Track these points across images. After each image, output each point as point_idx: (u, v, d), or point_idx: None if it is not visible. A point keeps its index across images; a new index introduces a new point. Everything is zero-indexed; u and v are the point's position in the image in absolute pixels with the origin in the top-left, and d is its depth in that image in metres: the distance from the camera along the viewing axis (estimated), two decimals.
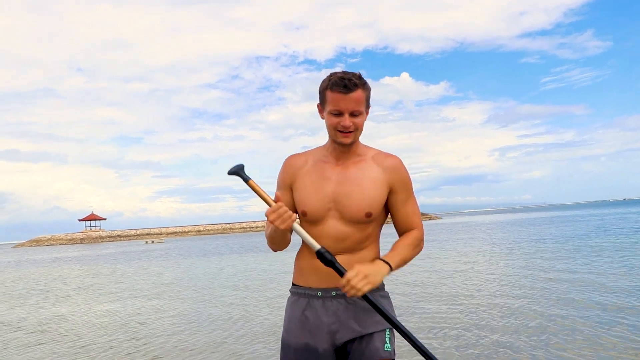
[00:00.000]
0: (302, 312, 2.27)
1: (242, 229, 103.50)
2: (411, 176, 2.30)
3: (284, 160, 2.36)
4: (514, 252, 18.56)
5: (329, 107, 2.15)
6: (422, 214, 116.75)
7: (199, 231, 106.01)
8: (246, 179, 2.23)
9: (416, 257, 2.30)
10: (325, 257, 2.11)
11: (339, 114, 2.14)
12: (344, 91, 2.10)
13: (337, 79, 2.11)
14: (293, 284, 2.37)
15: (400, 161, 2.26)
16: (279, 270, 16.96)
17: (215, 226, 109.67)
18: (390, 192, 2.23)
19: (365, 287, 2.03)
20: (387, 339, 2.20)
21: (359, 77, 2.14)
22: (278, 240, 2.26)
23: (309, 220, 2.25)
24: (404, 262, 2.20)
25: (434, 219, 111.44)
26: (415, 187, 2.33)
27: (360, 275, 2.03)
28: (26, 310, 12.01)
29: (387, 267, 2.11)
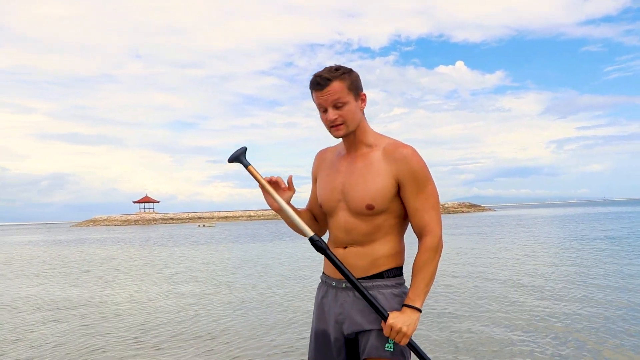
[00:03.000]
0: (321, 299, 2.33)
1: None
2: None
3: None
4: (555, 251, 17.72)
5: (316, 107, 2.21)
6: (474, 206, 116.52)
7: (249, 216, 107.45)
8: (246, 165, 2.28)
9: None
10: (316, 244, 2.18)
11: (324, 110, 2.17)
12: (318, 88, 2.14)
13: (312, 79, 2.17)
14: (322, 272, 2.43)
15: (412, 152, 2.15)
16: (316, 258, 16.73)
17: (266, 212, 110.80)
18: (400, 185, 2.14)
19: (404, 342, 2.07)
20: (390, 339, 2.12)
21: (334, 69, 2.16)
22: (287, 222, 2.33)
23: (325, 212, 2.32)
24: (429, 284, 2.14)
25: (486, 210, 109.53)
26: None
27: (394, 332, 2.06)
28: (62, 288, 12.19)
29: (417, 313, 2.10)
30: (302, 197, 2.33)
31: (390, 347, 2.12)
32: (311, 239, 2.20)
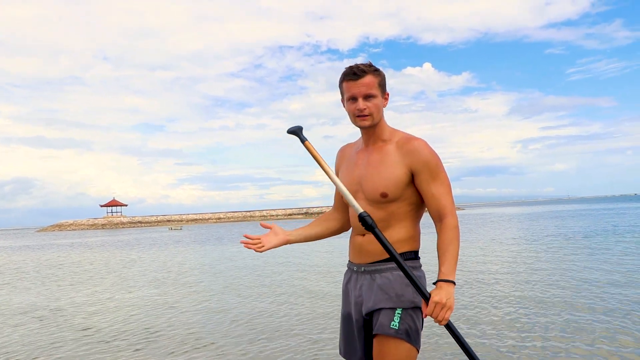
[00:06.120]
0: (346, 284, 2.55)
1: (262, 217, 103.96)
2: None
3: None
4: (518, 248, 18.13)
5: (345, 96, 2.39)
6: None
7: (219, 218, 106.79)
8: (303, 140, 2.46)
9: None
10: (366, 222, 2.30)
11: (354, 99, 2.36)
12: (354, 78, 2.33)
13: (348, 69, 2.37)
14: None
15: (423, 144, 2.34)
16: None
17: (236, 214, 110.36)
18: (414, 175, 2.33)
19: (448, 315, 2.17)
20: (396, 317, 2.28)
21: (369, 65, 2.37)
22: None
23: (346, 203, 2.58)
24: (456, 258, 2.27)
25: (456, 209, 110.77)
26: None
27: (439, 307, 2.15)
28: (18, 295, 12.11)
29: (452, 285, 2.21)
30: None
31: (395, 325, 2.27)
32: (360, 216, 2.32)
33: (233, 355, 5.95)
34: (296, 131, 2.49)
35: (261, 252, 2.47)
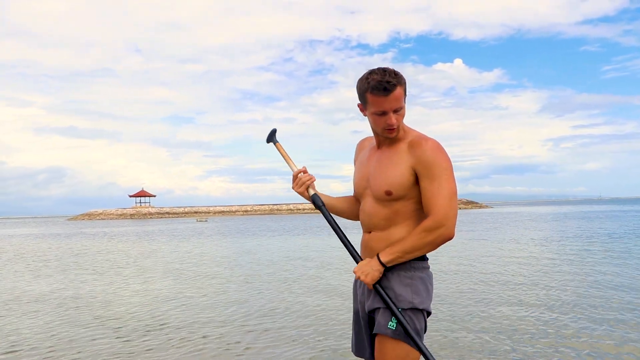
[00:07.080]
0: (355, 282, 2.58)
1: (289, 211, 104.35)
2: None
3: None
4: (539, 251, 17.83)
5: (372, 109, 2.29)
6: (471, 202, 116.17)
7: (246, 211, 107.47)
8: (274, 142, 2.65)
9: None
10: (316, 202, 2.55)
11: (383, 114, 2.27)
12: (385, 94, 2.22)
13: (376, 83, 2.22)
14: None
15: (432, 145, 2.28)
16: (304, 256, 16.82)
17: (263, 207, 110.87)
18: (417, 175, 2.29)
19: (367, 284, 2.31)
20: (393, 317, 2.27)
21: (395, 74, 2.25)
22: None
23: (356, 197, 2.59)
24: (406, 252, 2.26)
25: (483, 207, 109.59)
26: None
27: (358, 274, 2.33)
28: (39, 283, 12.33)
29: (379, 265, 2.28)
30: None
31: (392, 326, 2.26)
32: (311, 196, 2.57)
33: (239, 348, 5.98)
34: (271, 137, 2.72)
35: (304, 187, 2.59)
